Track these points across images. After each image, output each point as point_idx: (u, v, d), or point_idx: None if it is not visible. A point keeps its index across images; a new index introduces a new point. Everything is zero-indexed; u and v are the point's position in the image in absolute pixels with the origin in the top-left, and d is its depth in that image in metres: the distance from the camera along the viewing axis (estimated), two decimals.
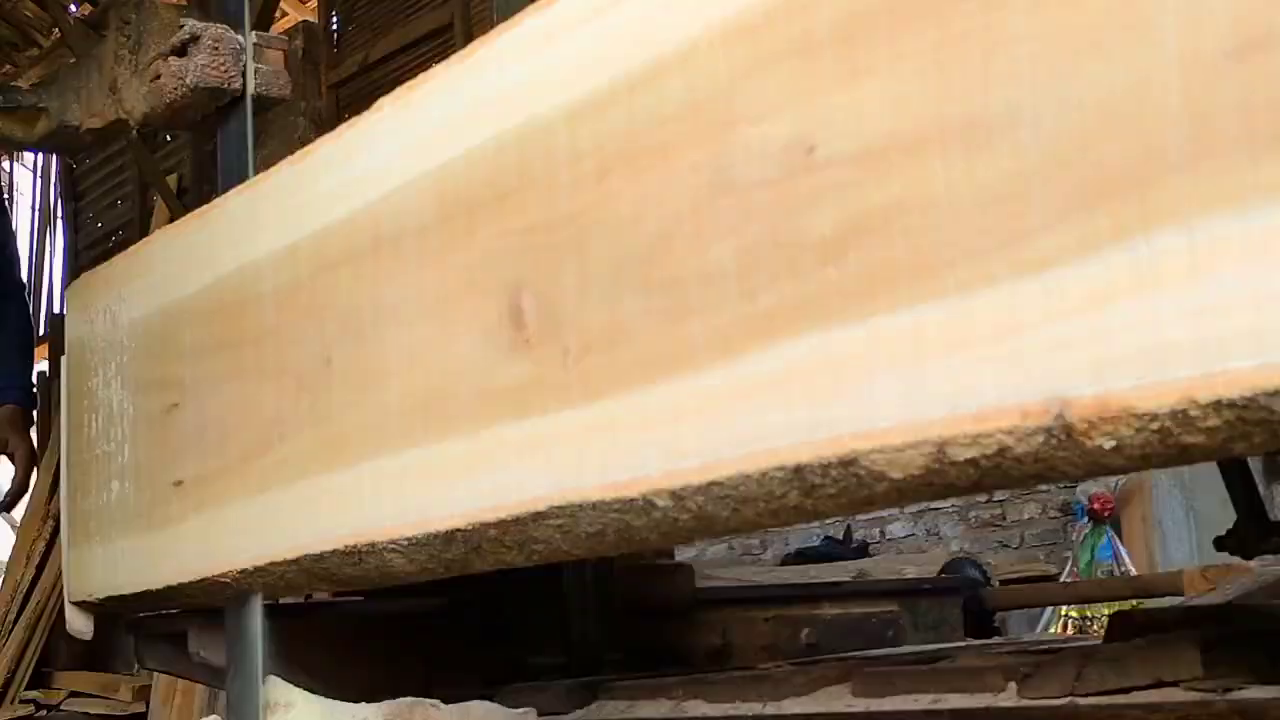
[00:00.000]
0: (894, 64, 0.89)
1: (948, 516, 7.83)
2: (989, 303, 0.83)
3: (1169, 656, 1.12)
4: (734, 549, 8.63)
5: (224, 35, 1.70)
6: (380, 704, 1.53)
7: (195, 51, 1.69)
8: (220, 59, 1.69)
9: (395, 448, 1.26)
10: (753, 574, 5.73)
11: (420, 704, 1.54)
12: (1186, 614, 1.41)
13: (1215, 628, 1.15)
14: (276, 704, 1.48)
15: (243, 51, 1.70)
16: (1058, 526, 7.22)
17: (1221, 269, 0.73)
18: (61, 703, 6.24)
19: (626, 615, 2.04)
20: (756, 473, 0.95)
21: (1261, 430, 0.74)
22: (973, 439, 0.83)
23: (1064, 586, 3.21)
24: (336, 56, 7.02)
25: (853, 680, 1.37)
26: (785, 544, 8.01)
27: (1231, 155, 0.73)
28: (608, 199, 1.07)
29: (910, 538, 7.94)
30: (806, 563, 6.07)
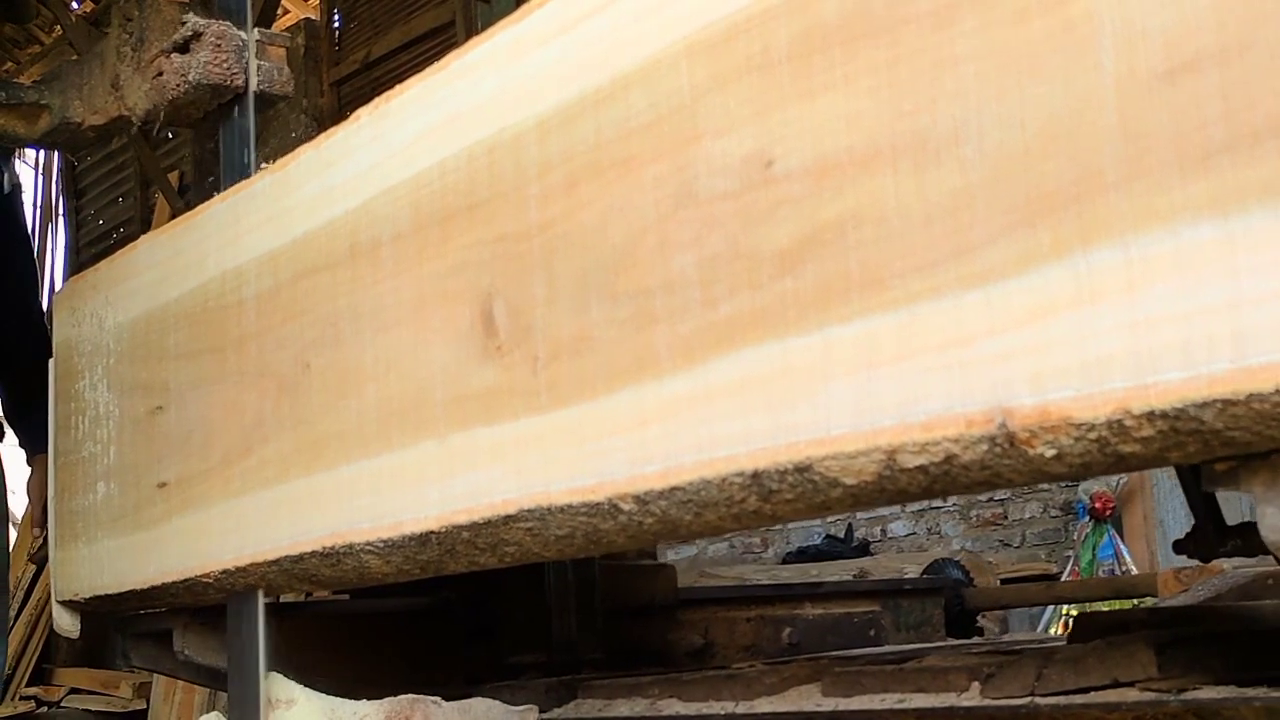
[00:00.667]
0: (848, 81, 0.91)
1: (949, 515, 7.84)
2: (936, 315, 0.85)
3: (1125, 657, 1.15)
4: (735, 547, 8.64)
5: (226, 32, 1.70)
6: (381, 701, 1.54)
7: (197, 48, 1.70)
8: (222, 56, 1.69)
9: (372, 451, 1.29)
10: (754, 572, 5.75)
11: (421, 701, 1.55)
12: (1150, 615, 1.44)
13: (1171, 630, 1.17)
14: (278, 700, 1.49)
15: (245, 48, 1.71)
16: (1059, 525, 7.23)
17: (1154, 284, 0.75)
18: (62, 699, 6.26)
19: (608, 615, 2.07)
20: (716, 478, 0.97)
21: (1194, 440, 0.76)
22: (921, 447, 0.86)
23: (1044, 587, 3.24)
24: (338, 54, 7.03)
25: (823, 680, 1.39)
26: (787, 542, 8.02)
27: (1163, 174, 0.75)
28: (575, 210, 1.10)
29: (911, 536, 7.95)
30: (808, 561, 6.09)
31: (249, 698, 1.49)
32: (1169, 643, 1.14)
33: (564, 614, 1.98)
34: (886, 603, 2.46)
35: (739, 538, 8.44)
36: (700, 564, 8.05)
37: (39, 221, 9.39)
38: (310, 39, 7.07)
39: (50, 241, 9.25)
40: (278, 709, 1.48)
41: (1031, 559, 6.94)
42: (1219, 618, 1.38)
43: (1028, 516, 7.48)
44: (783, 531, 8.10)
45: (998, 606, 3.12)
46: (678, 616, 2.19)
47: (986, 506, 7.59)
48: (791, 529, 8.00)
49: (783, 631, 2.29)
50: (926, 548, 7.42)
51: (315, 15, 7.56)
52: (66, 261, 8.90)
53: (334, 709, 1.51)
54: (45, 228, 9.31)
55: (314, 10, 7.79)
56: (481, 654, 2.05)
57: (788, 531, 8.05)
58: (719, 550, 8.61)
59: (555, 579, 2.01)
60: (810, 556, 6.50)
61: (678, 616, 2.19)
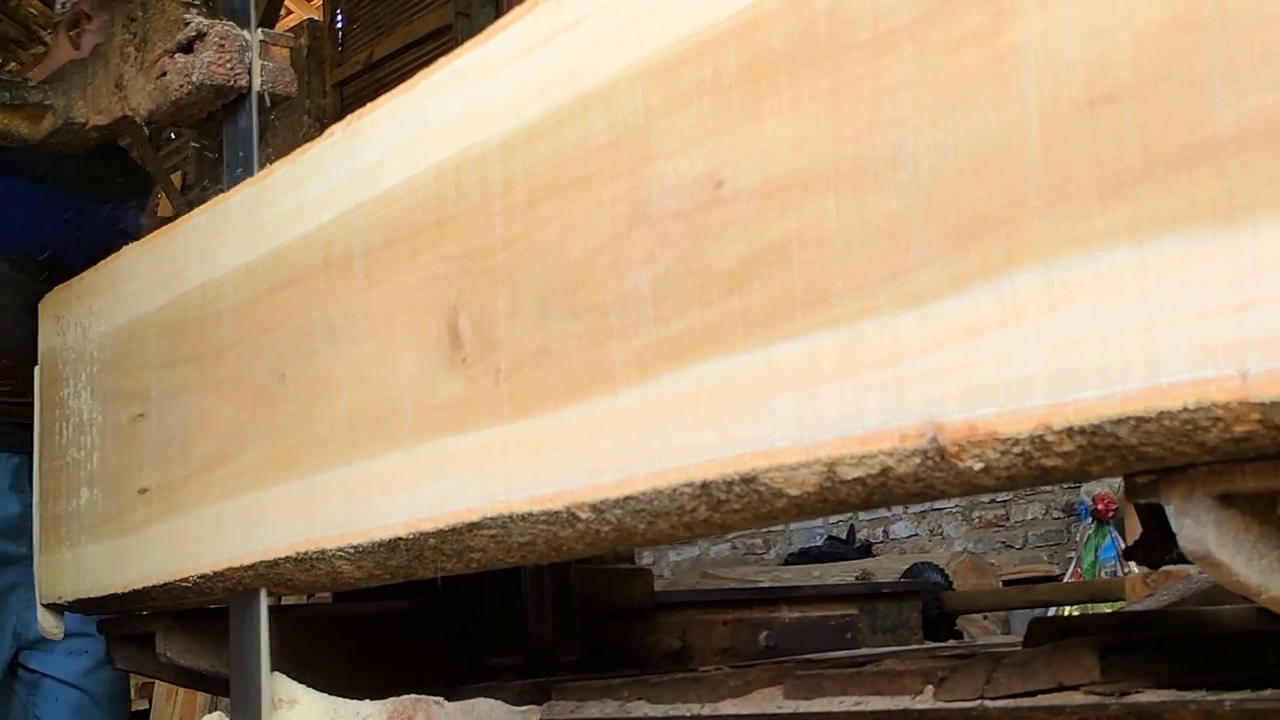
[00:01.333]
0: (793, 106, 0.95)
1: (951, 517, 7.87)
2: (874, 333, 0.89)
3: (1070, 661, 1.18)
4: (738, 549, 8.67)
5: (230, 32, 1.71)
6: (384, 701, 1.55)
7: (201, 48, 1.70)
8: (226, 56, 1.70)
9: (344, 460, 1.32)
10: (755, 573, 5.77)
11: (423, 701, 1.56)
12: (1105, 620, 1.47)
13: (1116, 634, 1.21)
14: (280, 700, 1.50)
15: (248, 49, 1.71)
16: (1061, 527, 7.26)
17: (1074, 306, 0.79)
18: None
19: (585, 618, 2.10)
20: (668, 488, 1.01)
21: (1111, 455, 0.80)
22: (859, 459, 0.89)
23: (1020, 590, 3.28)
24: (341, 54, 7.04)
25: (785, 683, 1.43)
26: (789, 543, 8.04)
27: (1083, 201, 0.79)
28: (537, 226, 1.13)
29: (914, 538, 7.98)
30: (810, 562, 6.11)
31: (251, 697, 1.49)
32: (1112, 647, 1.17)
33: (540, 617, 2.02)
34: (863, 606, 2.49)
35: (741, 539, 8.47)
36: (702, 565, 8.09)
37: None
38: (313, 39, 7.08)
39: None
40: (280, 709, 1.49)
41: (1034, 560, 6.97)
42: (1168, 623, 1.41)
43: (1030, 518, 7.51)
44: (784, 533, 8.13)
45: (976, 610, 3.15)
46: (655, 619, 2.23)
47: (989, 508, 7.61)
48: (794, 530, 8.04)
49: (759, 634, 2.32)
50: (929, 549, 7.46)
51: (318, 16, 7.58)
52: None
53: (336, 709, 1.52)
54: None
55: (317, 11, 7.81)
56: (461, 656, 2.08)
57: (790, 533, 8.09)
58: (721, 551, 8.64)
59: (532, 582, 2.05)
60: (812, 558, 6.51)
61: (655, 619, 2.23)
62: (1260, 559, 0.85)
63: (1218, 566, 0.83)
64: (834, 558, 6.26)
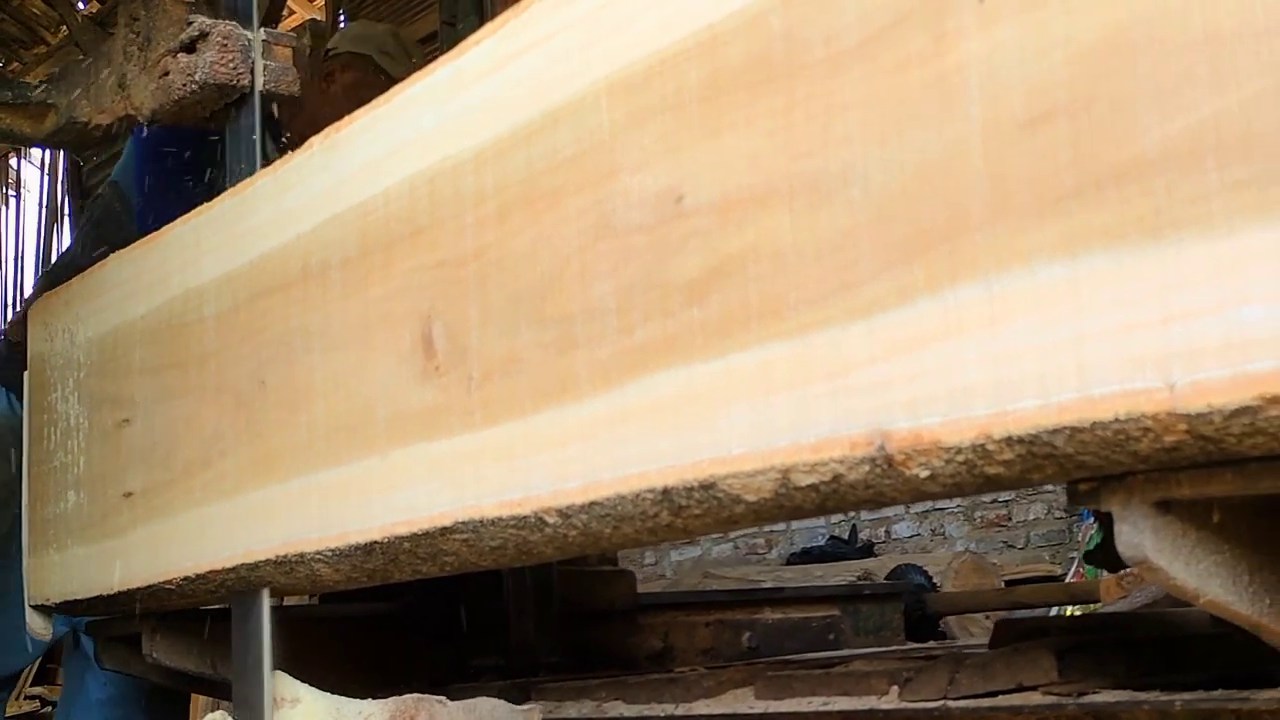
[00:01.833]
0: (750, 123, 0.97)
1: (953, 516, 7.87)
2: (825, 344, 0.91)
3: (1028, 663, 1.21)
4: (740, 549, 8.68)
5: (233, 32, 1.71)
6: (386, 700, 1.55)
7: (204, 48, 1.71)
8: (229, 56, 1.70)
9: (321, 465, 1.35)
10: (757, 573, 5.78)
11: (426, 700, 1.57)
12: (1070, 622, 1.50)
13: (1073, 636, 1.23)
14: (283, 699, 1.50)
15: (251, 48, 1.72)
16: (1064, 527, 7.26)
17: (1013, 319, 0.82)
18: None
19: (568, 619, 2.13)
20: (631, 494, 1.04)
21: (1050, 463, 0.82)
22: (811, 467, 0.92)
23: (1000, 592, 3.30)
24: None
25: (756, 683, 1.46)
26: (791, 543, 8.04)
27: (1022, 217, 0.81)
28: (507, 238, 1.16)
29: (915, 538, 7.99)
30: (812, 562, 6.11)
31: (254, 696, 1.50)
32: (1070, 649, 1.20)
33: (522, 618, 2.04)
34: (845, 608, 2.52)
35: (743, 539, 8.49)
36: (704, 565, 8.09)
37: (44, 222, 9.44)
38: (315, 39, 7.10)
39: (55, 241, 9.30)
40: (283, 707, 1.50)
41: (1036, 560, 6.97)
42: (1128, 625, 1.44)
43: (1032, 518, 7.51)
44: (787, 532, 8.14)
45: (957, 611, 3.18)
46: (638, 621, 2.25)
47: (991, 508, 7.62)
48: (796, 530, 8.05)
49: (742, 636, 2.35)
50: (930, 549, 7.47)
51: (320, 16, 7.60)
52: None
53: (339, 708, 1.53)
54: (50, 228, 9.36)
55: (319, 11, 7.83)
56: (445, 657, 2.11)
57: (791, 532, 8.10)
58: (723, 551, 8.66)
59: (514, 584, 2.07)
60: (814, 557, 6.51)
61: (638, 621, 2.25)
62: (1198, 564, 0.87)
63: (1155, 571, 0.86)
64: (836, 557, 6.25)
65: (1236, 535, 0.89)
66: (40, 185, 9.66)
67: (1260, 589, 0.90)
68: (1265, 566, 0.90)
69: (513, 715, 1.60)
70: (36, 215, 9.63)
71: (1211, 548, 0.88)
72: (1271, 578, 0.91)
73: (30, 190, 9.86)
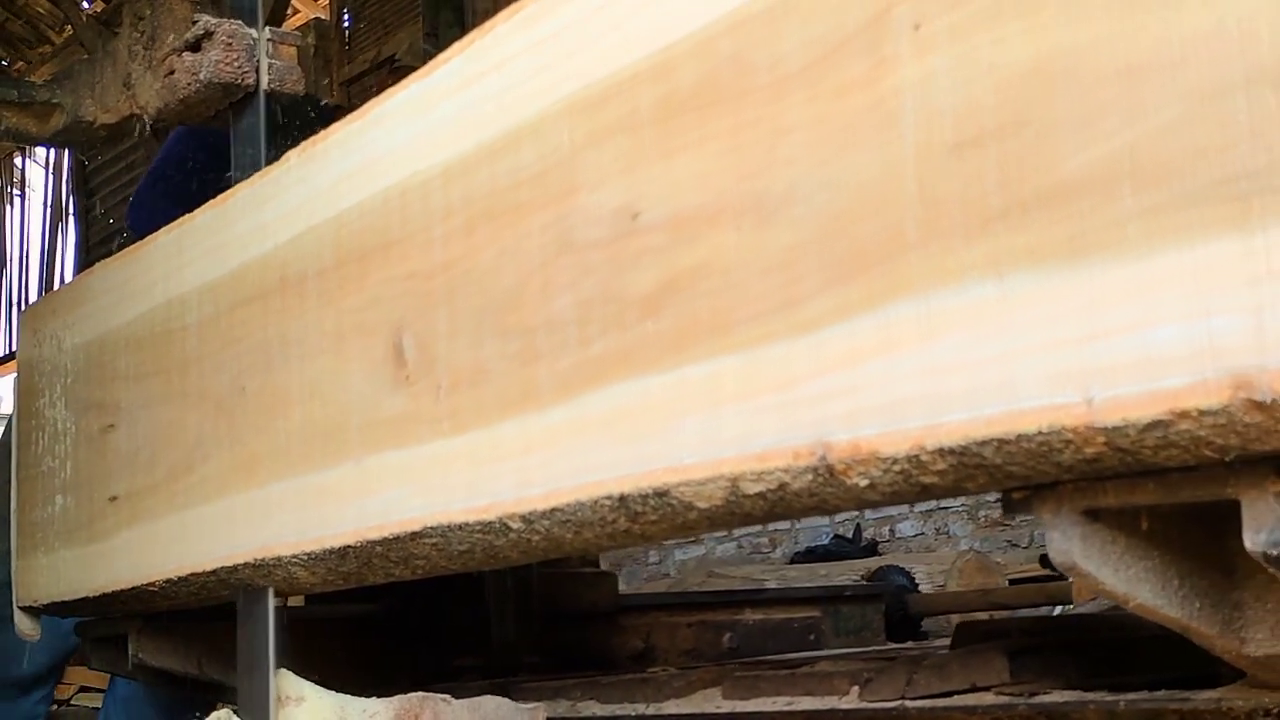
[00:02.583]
0: (701, 144, 1.01)
1: (957, 515, 7.87)
2: (770, 358, 0.95)
3: (982, 664, 1.24)
4: (744, 548, 8.68)
5: (237, 31, 1.72)
6: (391, 698, 1.55)
7: (209, 47, 1.71)
8: (234, 54, 1.70)
9: (298, 470, 1.38)
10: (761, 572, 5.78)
11: (430, 698, 1.56)
12: (1031, 624, 1.53)
13: (1025, 638, 1.27)
14: (288, 697, 1.50)
15: (256, 47, 1.72)
16: None
17: (945, 335, 0.85)
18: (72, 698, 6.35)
19: (550, 620, 2.16)
20: (590, 501, 1.07)
21: (981, 473, 0.86)
22: (758, 476, 0.95)
23: (981, 593, 3.34)
24: (348, 53, 7.09)
25: (724, 684, 1.49)
26: (795, 542, 8.04)
27: (953, 237, 0.85)
28: (474, 251, 1.19)
29: (920, 536, 8.00)
30: (816, 561, 6.10)
31: (259, 694, 1.50)
32: (1021, 650, 1.23)
33: (502, 620, 2.08)
34: (826, 609, 2.55)
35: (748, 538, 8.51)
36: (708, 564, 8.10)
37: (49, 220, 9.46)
38: (320, 38, 7.12)
39: (60, 240, 9.33)
40: (287, 706, 1.50)
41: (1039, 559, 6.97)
42: (1084, 627, 1.47)
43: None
44: (791, 531, 8.15)
45: (938, 612, 3.21)
46: (620, 622, 2.29)
47: (994, 507, 7.62)
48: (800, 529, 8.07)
49: (723, 636, 2.38)
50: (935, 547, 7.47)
51: (325, 15, 7.63)
52: (77, 260, 8.96)
53: (343, 706, 1.53)
54: (55, 227, 9.39)
55: (324, 10, 7.86)
56: (428, 657, 2.14)
57: (796, 531, 8.11)
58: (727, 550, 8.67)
59: (494, 586, 2.11)
60: (818, 556, 6.49)
61: (620, 622, 2.29)
62: (1127, 569, 0.91)
63: (1084, 576, 0.89)
64: (840, 556, 6.22)
65: (1166, 541, 0.92)
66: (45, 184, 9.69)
67: (1190, 593, 0.94)
68: (1195, 572, 0.94)
69: (517, 714, 1.60)
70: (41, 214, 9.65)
71: (1141, 554, 0.91)
72: (1201, 582, 0.94)
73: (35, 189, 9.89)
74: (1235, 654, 0.96)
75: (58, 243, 9.34)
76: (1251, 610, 0.96)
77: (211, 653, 1.86)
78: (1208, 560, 0.94)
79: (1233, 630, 0.96)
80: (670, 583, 6.89)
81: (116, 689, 2.62)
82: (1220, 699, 1.08)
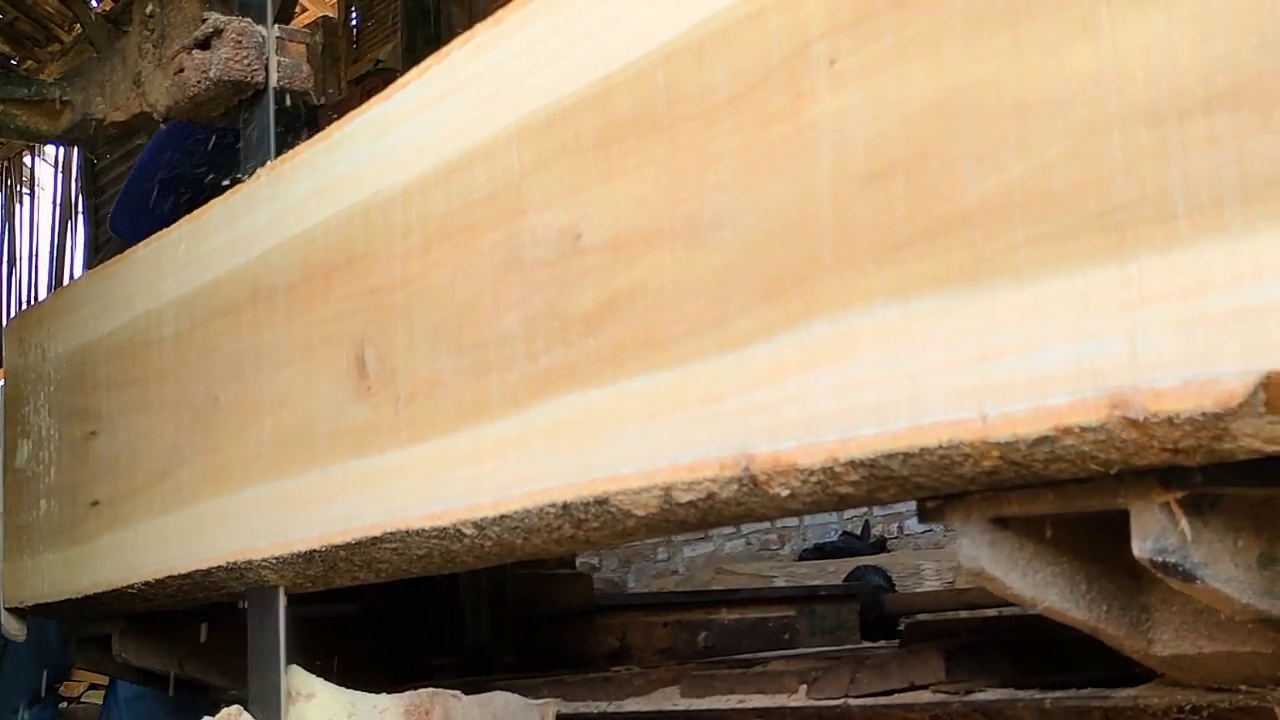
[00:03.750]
0: (638, 169, 1.06)
1: None
2: (701, 373, 1.00)
3: (920, 663, 1.30)
4: (752, 544, 8.70)
5: (247, 29, 1.72)
6: (401, 694, 1.57)
7: (218, 45, 1.72)
8: (243, 52, 1.71)
9: (268, 477, 1.44)
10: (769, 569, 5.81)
11: (440, 694, 1.57)
12: (982, 623, 1.58)
13: (959, 638, 1.32)
14: (298, 693, 1.51)
15: (265, 45, 1.72)
16: None
17: (857, 354, 0.90)
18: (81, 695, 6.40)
19: (525, 620, 2.22)
20: (536, 508, 1.12)
21: (891, 484, 0.91)
22: (689, 485, 1.01)
23: (957, 592, 3.38)
24: (355, 51, 7.11)
25: (682, 683, 1.54)
26: (804, 539, 8.05)
27: (865, 262, 0.90)
28: (430, 269, 1.25)
29: (928, 533, 8.02)
30: (824, 558, 6.11)
31: (270, 690, 1.51)
32: (957, 650, 1.28)
33: (478, 620, 2.13)
34: (802, 608, 2.60)
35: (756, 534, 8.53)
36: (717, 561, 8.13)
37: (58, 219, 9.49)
38: (328, 36, 7.15)
39: (70, 239, 9.36)
40: (298, 702, 1.51)
41: None
42: (1024, 627, 1.52)
43: None
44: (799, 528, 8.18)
45: (915, 611, 3.25)
46: (596, 622, 2.34)
47: None
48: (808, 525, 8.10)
49: (699, 635, 2.43)
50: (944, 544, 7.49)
51: (333, 13, 7.65)
52: (86, 259, 9.00)
53: (354, 702, 1.53)
54: (64, 225, 9.42)
55: (331, 8, 7.89)
56: (405, 657, 2.20)
57: (804, 528, 8.13)
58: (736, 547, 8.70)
59: (469, 587, 2.16)
60: (827, 553, 6.50)
61: (596, 622, 2.34)
62: (1035, 574, 0.96)
63: (992, 581, 0.95)
64: (849, 553, 6.23)
65: (1075, 548, 0.97)
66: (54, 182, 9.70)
67: (1098, 597, 0.99)
68: (1103, 576, 0.99)
69: (527, 709, 1.62)
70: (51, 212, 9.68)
71: (1049, 559, 0.96)
72: (1109, 586, 0.99)
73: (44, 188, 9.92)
74: (1143, 654, 1.02)
75: (67, 241, 9.38)
76: (1158, 613, 1.01)
77: (193, 652, 1.92)
78: (1116, 565, 0.98)
79: (1140, 631, 1.01)
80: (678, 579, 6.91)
81: (118, 689, 2.66)
82: (1138, 697, 1.13)
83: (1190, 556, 0.86)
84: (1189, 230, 0.74)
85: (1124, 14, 0.78)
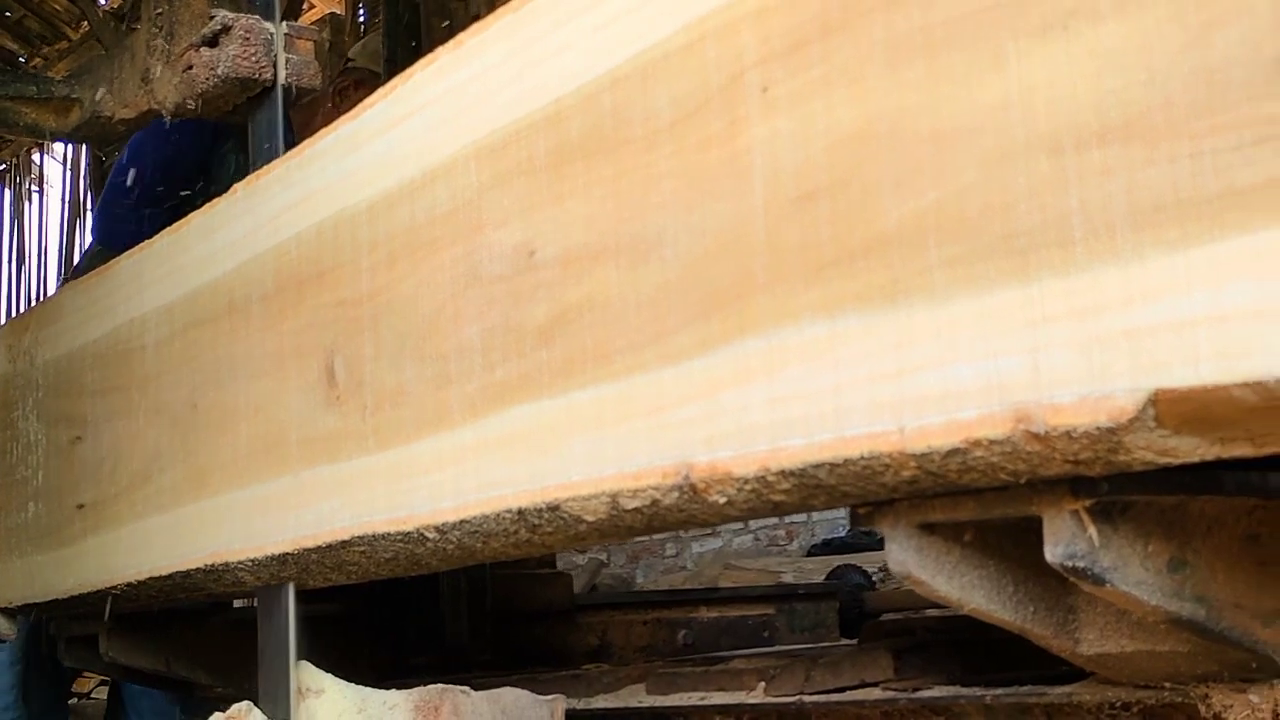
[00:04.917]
0: (587, 189, 1.11)
1: None
2: (644, 385, 1.05)
3: (870, 661, 1.34)
4: (760, 540, 8.73)
5: (255, 26, 1.73)
6: (410, 690, 1.56)
7: (227, 42, 1.72)
8: (251, 49, 1.71)
9: (244, 483, 1.49)
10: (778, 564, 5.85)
11: (450, 690, 1.57)
12: (937, 622, 1.63)
13: (909, 637, 1.37)
14: (308, 689, 1.51)
15: (273, 42, 1.73)
16: None
17: (787, 369, 0.95)
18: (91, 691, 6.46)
19: (505, 619, 2.26)
20: (493, 514, 1.17)
21: (820, 492, 0.96)
22: (634, 493, 1.05)
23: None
24: None
25: (647, 680, 1.59)
26: (812, 535, 8.09)
27: (794, 281, 0.95)
28: (395, 282, 1.29)
29: None
30: (833, 553, 6.14)
31: (279, 686, 1.52)
32: (906, 648, 1.33)
33: (456, 619, 2.18)
34: (781, 606, 2.65)
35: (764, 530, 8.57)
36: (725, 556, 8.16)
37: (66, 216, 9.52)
38: (335, 33, 7.18)
39: (78, 236, 9.40)
40: (308, 698, 1.51)
41: None
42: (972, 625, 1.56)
43: None
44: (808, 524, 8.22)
45: (894, 609, 3.30)
46: (577, 620, 2.39)
47: None
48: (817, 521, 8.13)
49: (678, 633, 2.48)
50: None
51: (340, 10, 7.68)
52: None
53: (364, 698, 1.53)
54: (73, 223, 9.46)
55: (339, 5, 7.91)
56: (386, 656, 2.25)
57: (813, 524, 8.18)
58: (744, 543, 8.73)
59: (448, 586, 2.21)
60: (835, 549, 6.51)
61: (577, 620, 2.39)
62: (961, 577, 1.01)
63: (920, 584, 0.99)
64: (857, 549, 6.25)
65: (1001, 551, 1.02)
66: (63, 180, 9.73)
67: (1025, 598, 1.04)
68: (1031, 578, 1.03)
69: (536, 705, 1.64)
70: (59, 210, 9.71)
71: (976, 563, 1.01)
72: (1036, 588, 1.04)
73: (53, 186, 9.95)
74: (1071, 653, 1.06)
75: (75, 239, 9.42)
76: (1084, 613, 1.05)
77: (179, 651, 1.97)
78: (1043, 568, 1.02)
79: (1067, 632, 1.05)
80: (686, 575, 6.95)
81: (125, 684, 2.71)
82: (1072, 694, 1.18)
83: (1099, 561, 0.90)
84: (1085, 255, 0.79)
85: (1029, 48, 0.83)
